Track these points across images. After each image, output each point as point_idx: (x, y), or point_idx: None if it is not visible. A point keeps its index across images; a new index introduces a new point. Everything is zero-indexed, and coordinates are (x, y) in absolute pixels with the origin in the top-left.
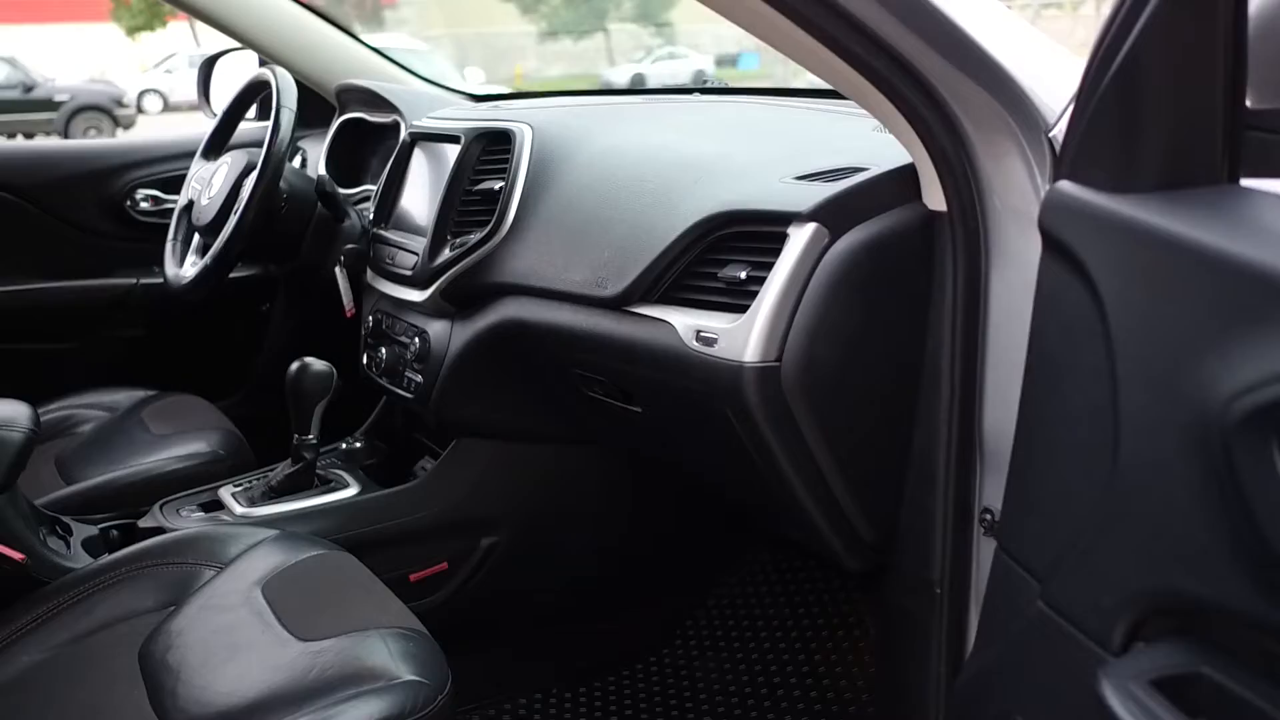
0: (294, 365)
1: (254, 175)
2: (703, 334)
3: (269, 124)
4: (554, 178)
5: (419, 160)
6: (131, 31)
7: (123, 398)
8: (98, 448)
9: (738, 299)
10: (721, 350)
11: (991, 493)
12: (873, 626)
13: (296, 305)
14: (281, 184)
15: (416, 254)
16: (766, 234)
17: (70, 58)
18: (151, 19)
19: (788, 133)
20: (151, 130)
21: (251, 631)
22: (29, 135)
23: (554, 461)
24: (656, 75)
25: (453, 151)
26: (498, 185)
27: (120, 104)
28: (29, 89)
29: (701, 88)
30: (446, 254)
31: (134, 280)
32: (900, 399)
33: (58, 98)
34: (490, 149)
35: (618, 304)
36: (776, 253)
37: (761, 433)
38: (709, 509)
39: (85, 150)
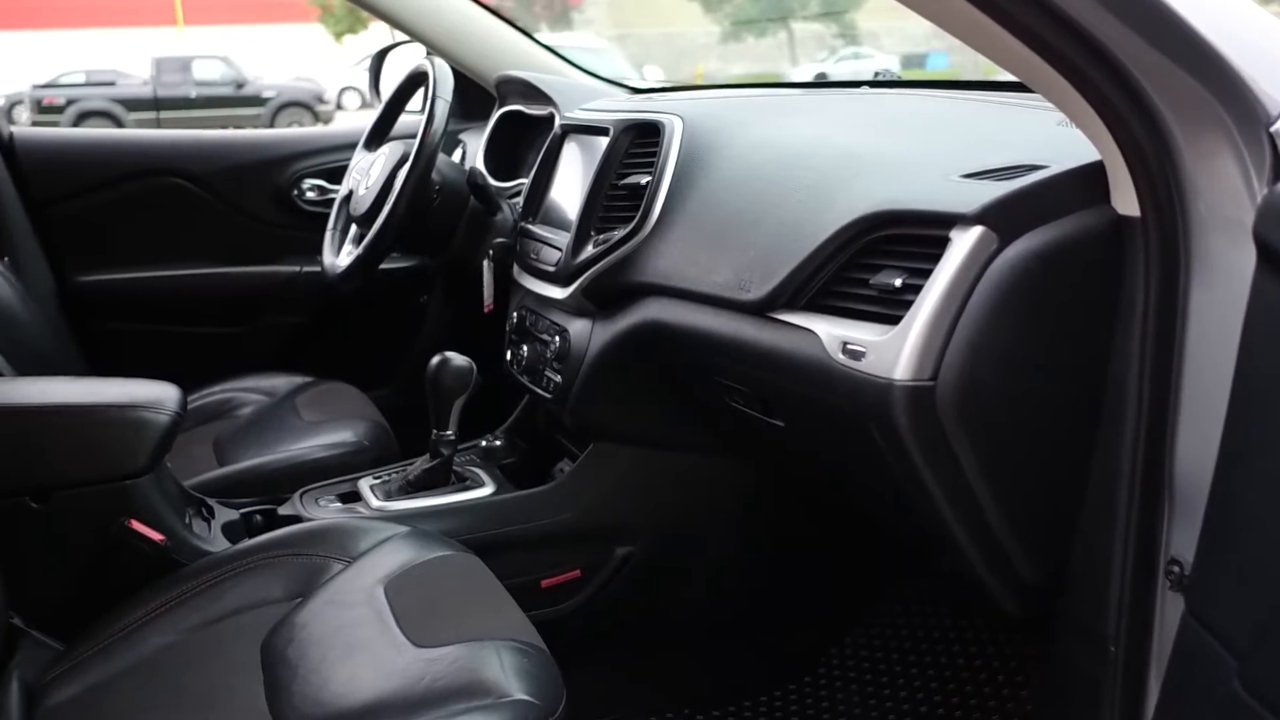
0: (434, 360)
1: (408, 167)
2: (850, 346)
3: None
4: (702, 172)
5: (569, 153)
6: (337, 35)
7: (281, 383)
8: (252, 431)
9: (890, 309)
10: (870, 365)
11: (1181, 541)
12: (1034, 678)
13: (451, 298)
14: (434, 176)
15: (560, 250)
16: (926, 237)
17: (280, 57)
18: (354, 22)
19: (958, 126)
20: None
21: (369, 632)
22: (238, 128)
23: (694, 471)
24: (839, 75)
25: (602, 144)
26: (644, 180)
27: (321, 100)
28: (240, 85)
29: (871, 81)
30: (589, 251)
31: (297, 268)
32: (1076, 428)
33: (265, 94)
34: (639, 141)
35: (760, 309)
36: (936, 259)
37: (911, 458)
38: (856, 532)
39: (258, 140)
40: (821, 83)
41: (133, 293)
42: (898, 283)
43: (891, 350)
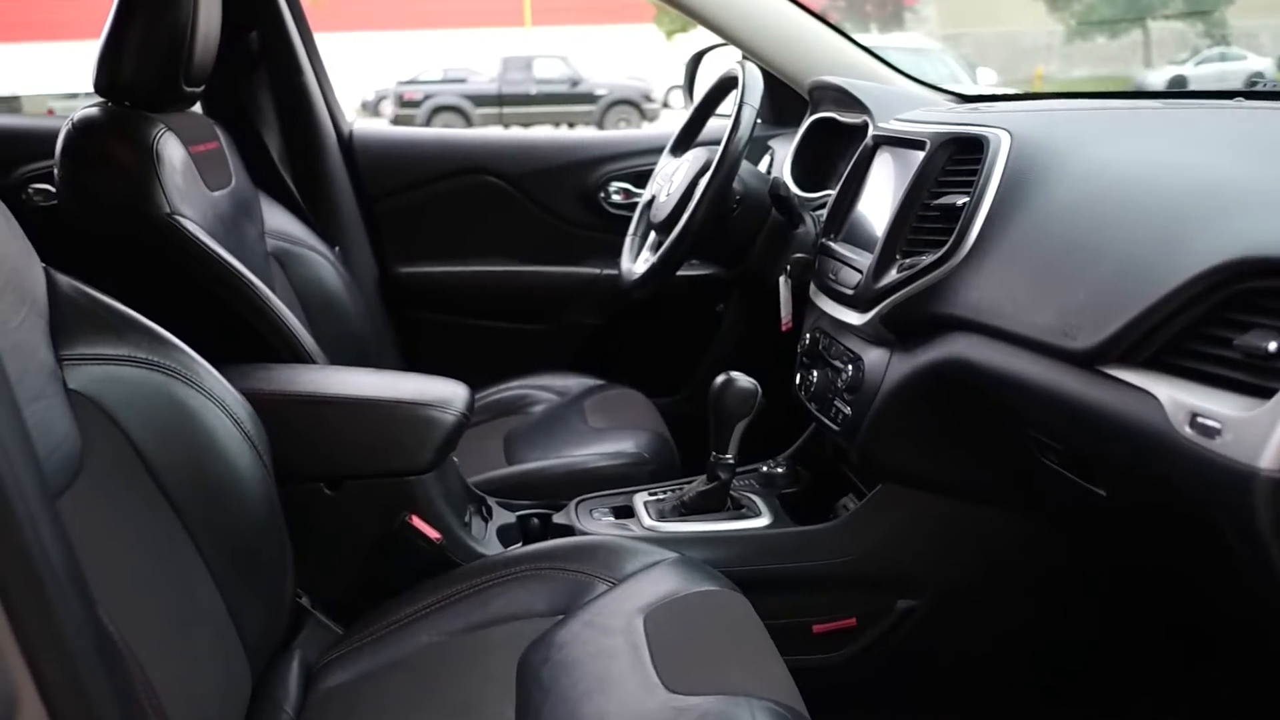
0: (718, 380)
1: (709, 174)
2: (1201, 419)
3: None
4: (1030, 195)
5: (880, 166)
6: (669, 35)
7: (573, 384)
8: (539, 431)
9: (1259, 378)
10: (1226, 446)
11: None
12: None
13: (746, 310)
14: (736, 184)
15: (861, 272)
16: None
17: (615, 56)
18: (686, 23)
19: None
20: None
21: (623, 665)
22: (571, 125)
23: (991, 526)
24: (1200, 79)
25: (917, 158)
26: (961, 200)
27: (648, 99)
28: (575, 84)
29: (1246, 91)
30: (893, 275)
31: (598, 270)
32: None
33: (597, 92)
34: (959, 157)
35: (1088, 361)
36: None
37: (1269, 554)
38: (1175, 616)
39: (569, 142)
40: (1181, 92)
41: (444, 285)
42: (1271, 346)
43: (1258, 430)
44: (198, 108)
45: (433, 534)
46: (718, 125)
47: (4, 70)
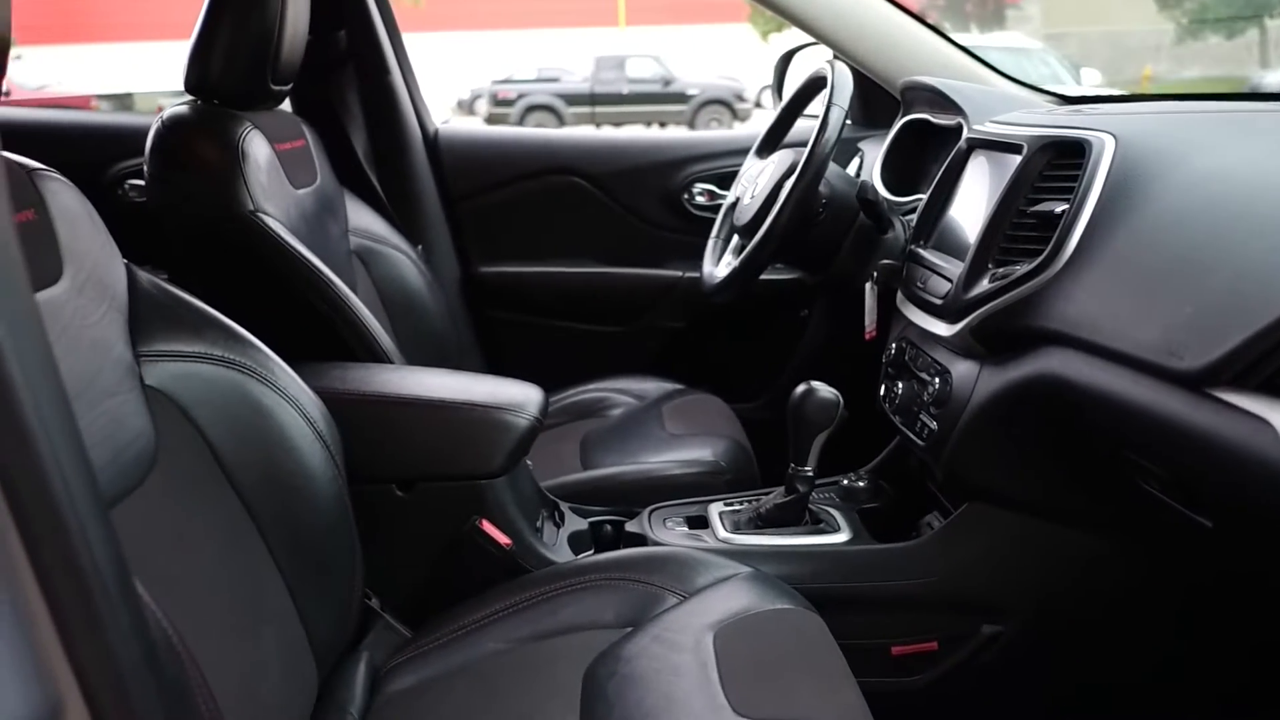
0: (799, 389)
1: (794, 177)
2: None
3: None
4: (1135, 203)
5: (974, 171)
6: (764, 34)
7: (652, 388)
8: (616, 435)
9: None
10: None
11: None
12: None
13: (832, 317)
14: (822, 188)
15: (951, 281)
16: None
17: (708, 55)
18: (781, 22)
19: None
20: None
21: (689, 684)
22: (662, 124)
23: (1083, 551)
24: None
25: (1013, 163)
26: (1059, 208)
27: (740, 98)
28: (667, 83)
29: None
30: (984, 285)
31: (680, 273)
32: None
33: (689, 92)
34: (1058, 162)
35: (1195, 382)
36: None
37: None
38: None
39: (654, 142)
40: None
41: (525, 286)
42: None
43: None
44: (287, 106)
45: (503, 539)
46: (806, 126)
47: (120, 68)
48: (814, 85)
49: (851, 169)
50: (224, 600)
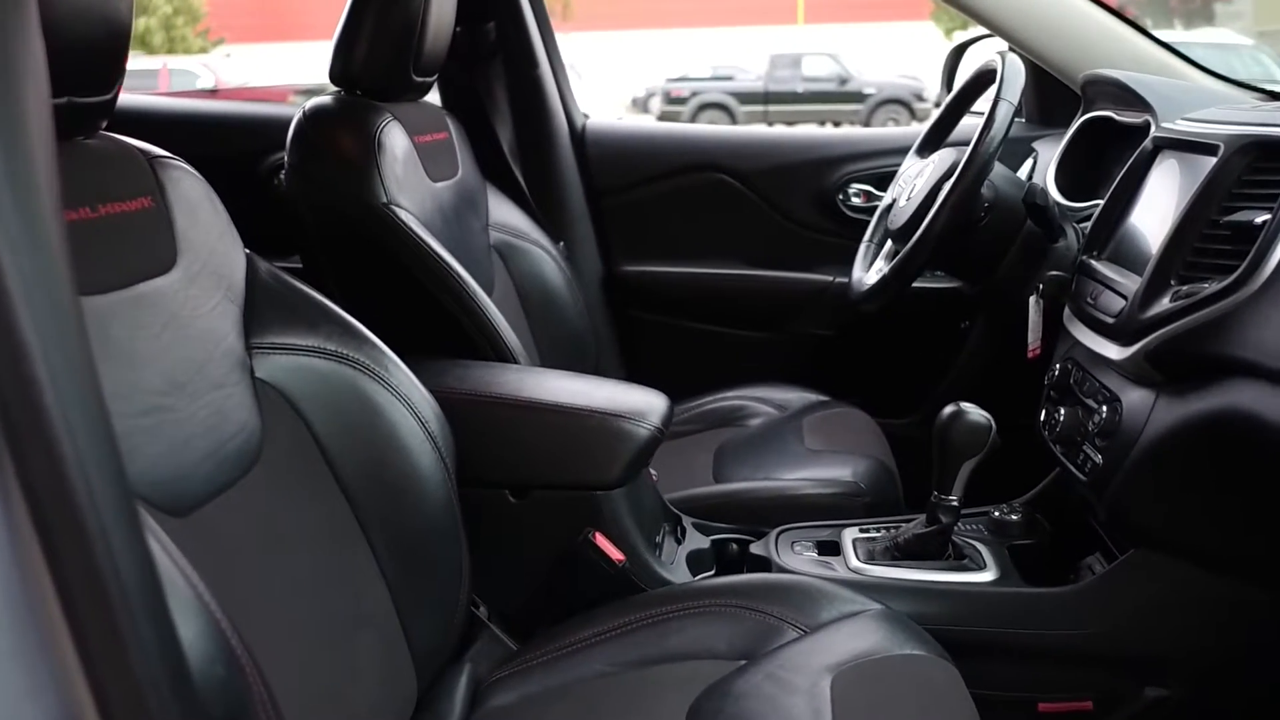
0: (946, 410)
1: (954, 179)
2: None
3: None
4: None
5: (1160, 174)
6: (947, 32)
7: (794, 398)
8: (752, 447)
9: None
10: None
11: None
12: None
13: (994, 331)
14: (984, 190)
15: (1126, 298)
16: None
17: (888, 54)
18: (965, 20)
19: None
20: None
21: None
22: (837, 124)
23: (1267, 611)
24: None
25: (1206, 165)
26: (1260, 218)
27: (919, 98)
28: (844, 82)
29: None
30: (1164, 304)
31: (831, 278)
32: None
33: (866, 90)
34: (1261, 165)
35: None
36: None
37: None
38: None
39: (808, 139)
40: None
41: (668, 286)
42: None
43: None
44: (435, 97)
45: (616, 554)
46: (973, 124)
47: (319, 64)
48: (982, 79)
49: (1024, 170)
50: (318, 601)
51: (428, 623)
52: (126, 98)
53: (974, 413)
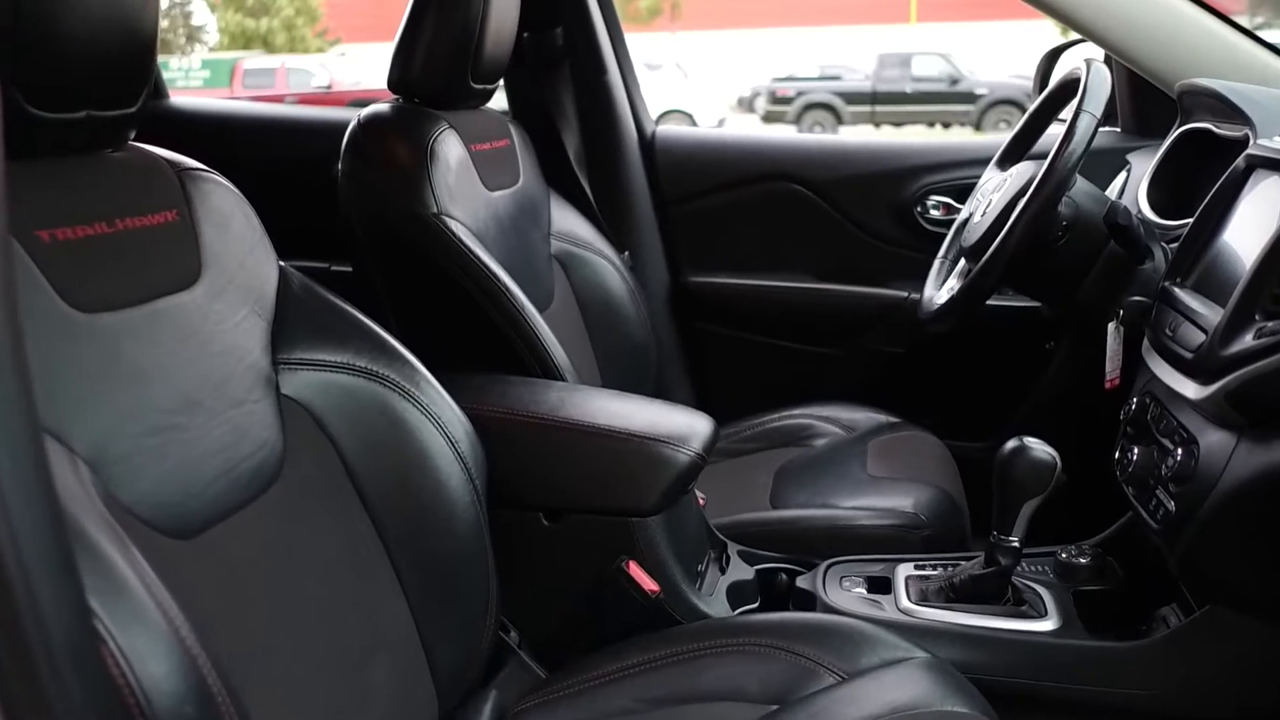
0: (1008, 445)
1: (1029, 194)
2: None
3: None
4: None
5: (1254, 195)
6: (1066, 30)
7: (862, 418)
8: (812, 471)
9: None
10: None
11: None
12: None
13: (1078, 355)
14: (1063, 208)
15: (1206, 331)
16: None
17: (1003, 54)
18: None
19: None
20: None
21: None
22: (946, 125)
23: None
24: None
25: None
26: None
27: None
28: (954, 82)
29: None
30: (1247, 340)
31: (905, 294)
32: None
33: (978, 91)
34: None
35: None
36: None
37: None
38: None
39: (886, 149)
40: None
41: (736, 298)
42: None
43: None
44: (502, 103)
45: (650, 585)
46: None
47: None
48: (1067, 88)
49: (1116, 184)
50: (331, 624)
51: (452, 647)
52: (207, 102)
53: (1038, 449)
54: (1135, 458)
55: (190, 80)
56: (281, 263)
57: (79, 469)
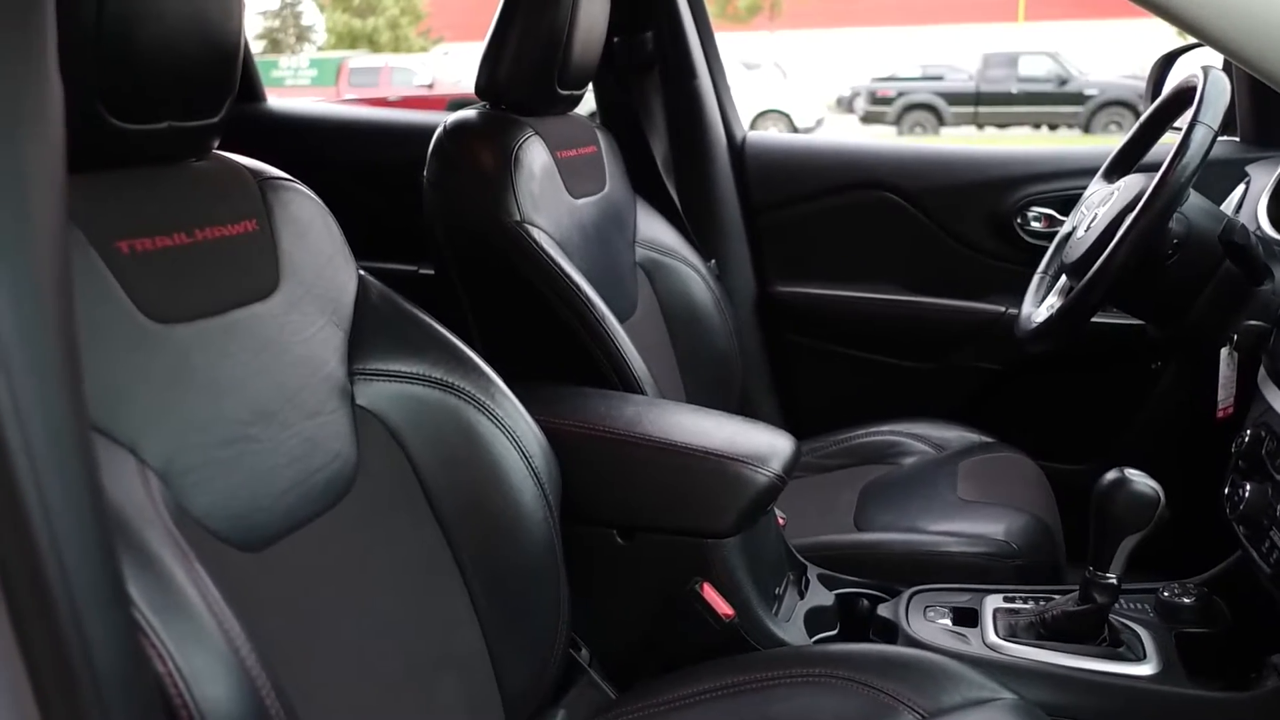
0: (1107, 477)
1: (1138, 209)
2: None
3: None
4: None
5: None
6: (1181, 30)
7: (953, 437)
8: (899, 492)
9: None
10: None
11: None
12: None
13: (1186, 380)
14: (1174, 224)
15: None
16: None
17: (1115, 53)
18: None
19: None
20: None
21: None
22: (1053, 127)
23: None
24: None
25: None
26: None
27: None
28: (1063, 82)
29: None
30: None
31: (1003, 309)
32: None
33: (1087, 92)
34: None
35: None
36: None
37: None
38: None
39: (984, 157)
40: None
41: (824, 308)
42: None
43: None
44: (591, 108)
45: (725, 609)
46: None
47: None
48: (1181, 97)
49: (1234, 197)
50: (400, 639)
51: (521, 664)
52: (301, 105)
53: (1139, 482)
54: (1247, 495)
55: (299, 79)
56: (361, 271)
57: (149, 481)
